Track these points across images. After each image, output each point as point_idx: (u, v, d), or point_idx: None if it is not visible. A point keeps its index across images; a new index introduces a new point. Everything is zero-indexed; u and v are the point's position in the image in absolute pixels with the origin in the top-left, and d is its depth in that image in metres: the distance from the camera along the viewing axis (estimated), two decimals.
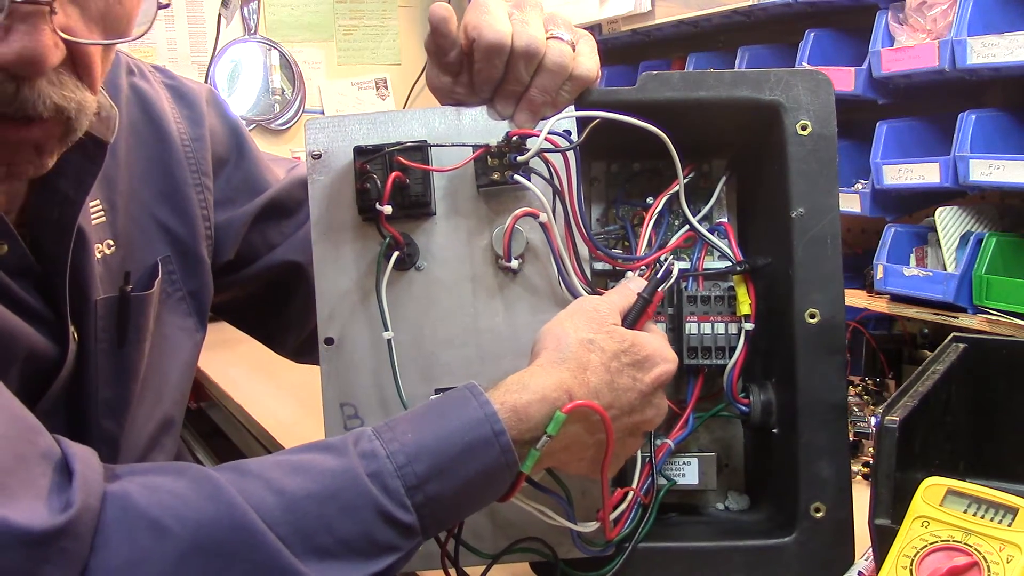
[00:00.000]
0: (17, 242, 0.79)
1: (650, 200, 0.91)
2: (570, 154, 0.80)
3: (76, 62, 0.70)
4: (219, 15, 2.45)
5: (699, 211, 0.91)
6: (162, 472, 0.64)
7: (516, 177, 0.79)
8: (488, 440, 0.67)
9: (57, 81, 0.69)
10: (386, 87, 2.59)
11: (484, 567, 0.80)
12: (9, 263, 0.79)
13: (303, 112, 2.50)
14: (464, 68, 0.81)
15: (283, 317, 1.10)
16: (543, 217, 0.79)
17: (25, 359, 0.80)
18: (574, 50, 0.80)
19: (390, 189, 0.78)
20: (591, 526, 0.78)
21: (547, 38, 0.78)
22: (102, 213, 0.89)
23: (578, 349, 0.73)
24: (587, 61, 0.80)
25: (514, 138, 0.79)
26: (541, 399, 0.69)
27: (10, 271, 0.79)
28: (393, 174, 0.78)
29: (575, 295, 0.80)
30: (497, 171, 0.79)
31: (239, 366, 1.81)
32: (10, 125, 0.69)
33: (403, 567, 0.67)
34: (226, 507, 0.61)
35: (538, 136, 0.78)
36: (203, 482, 0.63)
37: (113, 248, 0.90)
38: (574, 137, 0.81)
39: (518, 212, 0.79)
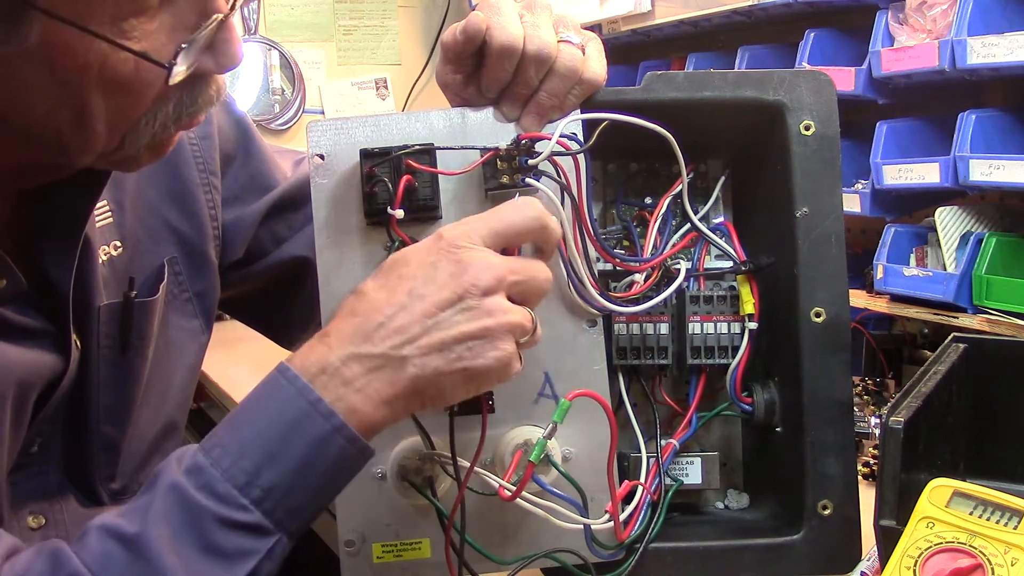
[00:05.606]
0: (14, 273, 0.77)
1: (648, 200, 0.91)
2: (579, 156, 0.79)
3: None
4: None
5: (697, 211, 0.91)
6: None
7: (528, 180, 0.78)
8: (307, 413, 0.66)
9: None
10: (386, 87, 2.59)
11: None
12: (5, 294, 0.78)
13: (303, 112, 2.49)
14: (476, 68, 0.80)
15: (291, 312, 1.09)
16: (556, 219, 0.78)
17: (24, 379, 0.78)
18: (584, 53, 0.79)
19: (402, 193, 0.77)
20: (603, 522, 0.78)
21: (557, 41, 0.78)
22: (109, 214, 0.88)
23: (379, 278, 0.71)
24: (595, 65, 0.80)
25: (523, 141, 0.78)
26: (330, 349, 0.68)
27: (5, 300, 0.78)
28: (405, 178, 0.77)
29: (584, 297, 0.80)
30: (507, 174, 0.78)
31: (239, 366, 1.81)
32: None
33: (273, 569, 0.66)
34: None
35: (549, 139, 0.77)
36: (49, 556, 0.64)
37: (120, 249, 0.89)
38: (580, 139, 0.80)
39: None
